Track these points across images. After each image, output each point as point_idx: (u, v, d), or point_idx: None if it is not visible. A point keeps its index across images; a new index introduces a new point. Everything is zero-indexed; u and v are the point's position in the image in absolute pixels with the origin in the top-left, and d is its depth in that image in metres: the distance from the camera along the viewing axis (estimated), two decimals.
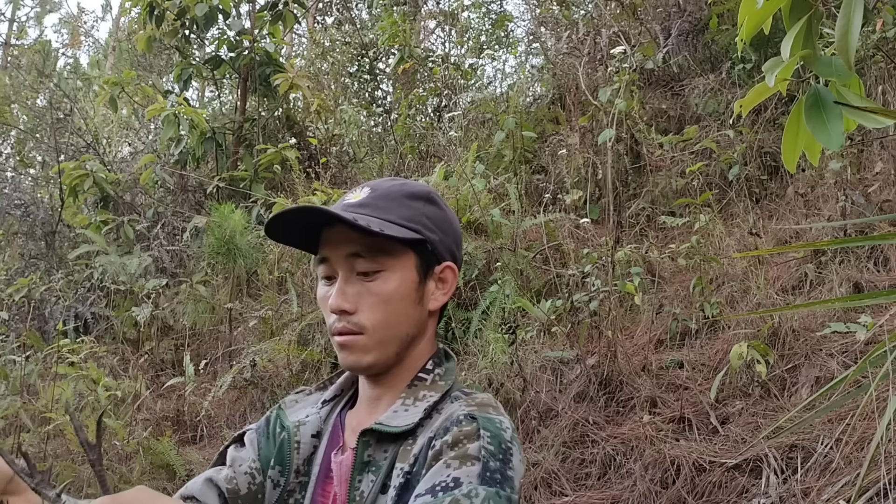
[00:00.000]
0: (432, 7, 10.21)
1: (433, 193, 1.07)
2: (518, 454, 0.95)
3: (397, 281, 1.01)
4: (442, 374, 1.07)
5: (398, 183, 1.06)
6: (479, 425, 0.94)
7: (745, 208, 4.76)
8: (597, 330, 3.86)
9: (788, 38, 1.37)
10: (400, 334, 1.03)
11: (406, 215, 1.01)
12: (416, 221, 1.02)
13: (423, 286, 1.04)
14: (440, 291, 1.06)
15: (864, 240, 3.62)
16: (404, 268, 1.02)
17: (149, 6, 6.47)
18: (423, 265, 1.03)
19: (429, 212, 1.04)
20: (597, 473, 3.23)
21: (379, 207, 1.01)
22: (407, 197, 1.03)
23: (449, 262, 1.06)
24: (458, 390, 1.07)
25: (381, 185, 1.05)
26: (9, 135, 9.80)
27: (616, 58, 5.25)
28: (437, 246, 1.04)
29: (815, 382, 3.24)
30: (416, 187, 1.06)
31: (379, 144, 7.59)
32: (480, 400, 1.02)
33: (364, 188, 1.04)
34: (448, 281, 1.07)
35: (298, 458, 1.07)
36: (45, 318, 5.70)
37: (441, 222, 1.05)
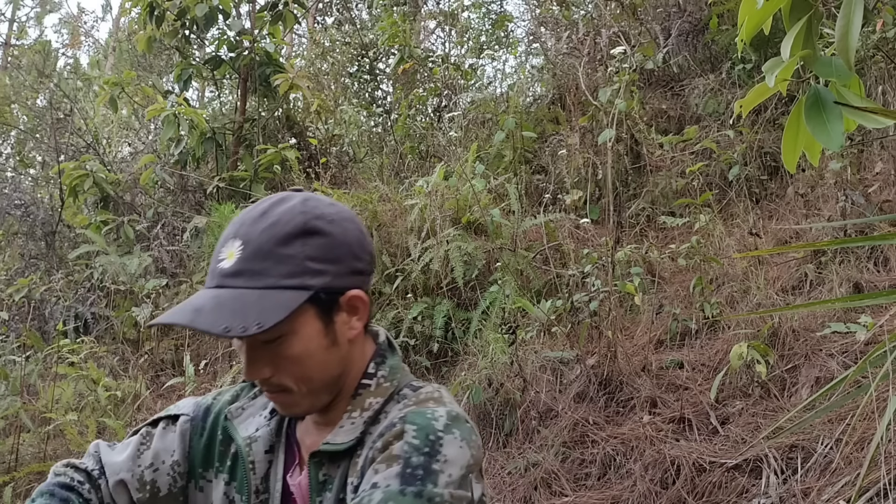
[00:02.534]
0: (432, 7, 10.21)
1: (310, 221, 0.96)
2: (456, 441, 0.91)
3: (301, 339, 0.96)
4: (386, 375, 1.04)
5: (268, 226, 0.94)
6: (405, 422, 0.93)
7: (745, 208, 4.76)
8: (597, 330, 3.86)
9: (788, 38, 1.37)
10: (326, 379, 1.00)
11: (286, 271, 0.93)
12: (300, 273, 0.94)
13: (331, 328, 0.98)
14: (354, 319, 1.01)
15: (864, 240, 3.62)
16: (304, 324, 0.96)
17: (149, 6, 6.47)
18: (323, 311, 0.97)
19: (311, 250, 0.95)
20: (597, 473, 3.23)
21: (255, 273, 0.93)
22: (281, 244, 0.93)
23: (353, 288, 0.99)
24: (407, 386, 1.03)
25: (251, 234, 0.94)
26: (9, 135, 9.80)
27: (616, 58, 5.25)
28: (332, 283, 0.96)
29: (815, 382, 3.24)
30: (290, 224, 0.94)
31: (379, 144, 7.59)
32: (424, 395, 1.00)
33: (236, 241, 0.95)
34: (358, 307, 1.00)
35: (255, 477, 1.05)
36: (45, 318, 5.70)
37: (330, 251, 0.96)
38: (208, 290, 0.95)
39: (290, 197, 0.99)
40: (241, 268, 0.93)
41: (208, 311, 0.91)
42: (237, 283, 0.93)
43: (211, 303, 0.92)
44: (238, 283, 0.93)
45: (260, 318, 0.90)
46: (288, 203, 0.97)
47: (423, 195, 4.82)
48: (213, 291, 0.94)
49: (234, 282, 0.93)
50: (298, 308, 0.93)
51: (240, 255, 0.94)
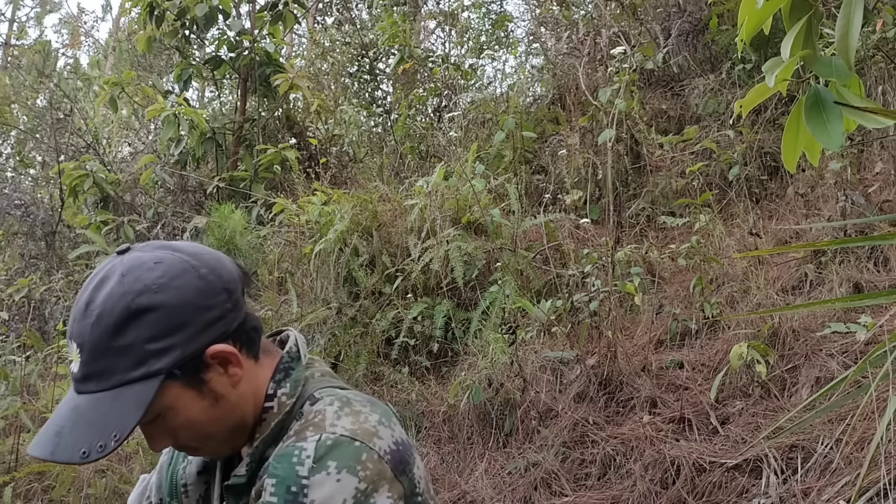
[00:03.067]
0: (432, 7, 10.22)
1: (134, 299, 0.88)
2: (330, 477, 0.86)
3: (180, 411, 0.92)
4: (287, 392, 0.99)
5: (95, 319, 0.88)
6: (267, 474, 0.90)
7: (745, 208, 4.76)
8: (597, 330, 3.86)
9: (788, 38, 1.37)
10: (227, 428, 0.97)
11: (129, 363, 0.88)
12: (143, 360, 0.88)
13: (206, 388, 0.93)
14: (230, 369, 0.95)
15: (864, 240, 3.62)
16: (175, 398, 0.91)
17: (149, 6, 6.47)
18: (188, 379, 0.92)
19: (145, 331, 0.88)
20: (597, 473, 3.23)
21: (100, 374, 0.88)
22: (114, 336, 0.87)
23: (213, 342, 0.93)
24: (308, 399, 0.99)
25: (83, 334, 0.89)
26: (9, 135, 9.80)
27: (616, 58, 5.25)
28: (184, 354, 0.90)
29: (816, 382, 3.24)
30: (114, 313, 0.88)
31: (379, 144, 7.59)
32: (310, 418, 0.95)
33: (73, 344, 0.90)
34: (228, 357, 0.94)
35: (188, 501, 1.05)
36: (45, 318, 5.70)
37: (168, 323, 0.89)
38: (71, 397, 0.91)
39: (111, 273, 0.91)
40: (86, 372, 0.89)
41: (67, 433, 0.87)
42: (89, 388, 0.89)
43: (70, 420, 0.88)
44: (90, 388, 0.89)
45: (118, 426, 0.86)
46: (108, 285, 0.90)
47: (423, 195, 4.82)
48: (73, 400, 0.90)
49: (87, 386, 0.89)
50: (159, 391, 0.89)
51: (81, 359, 0.89)
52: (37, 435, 0.91)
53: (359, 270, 4.62)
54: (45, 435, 0.89)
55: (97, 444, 0.85)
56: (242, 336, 0.97)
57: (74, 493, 3.50)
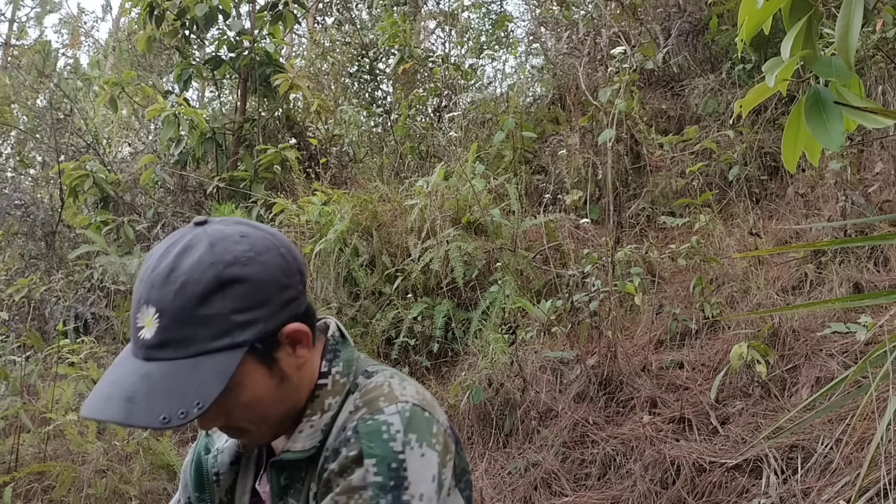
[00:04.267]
0: (432, 7, 10.22)
1: (224, 270, 0.88)
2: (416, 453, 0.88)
3: (247, 388, 0.92)
4: (341, 371, 1.00)
5: (180, 286, 0.87)
6: (362, 447, 0.89)
7: (745, 208, 4.76)
8: (597, 330, 3.86)
9: (788, 38, 1.37)
10: (282, 412, 0.97)
11: (213, 332, 0.87)
12: (228, 331, 0.87)
13: (276, 367, 0.94)
14: (298, 349, 0.96)
15: (864, 240, 3.62)
16: (247, 374, 0.91)
17: (149, 6, 6.47)
18: (263, 356, 0.92)
19: (232, 302, 0.88)
20: (597, 473, 3.23)
21: (180, 342, 0.86)
22: (200, 304, 0.86)
23: (289, 321, 0.93)
24: (361, 373, 1.00)
25: (164, 299, 0.87)
26: (9, 135, 9.80)
27: (616, 58, 5.25)
28: (265, 329, 0.90)
29: (816, 383, 3.24)
30: (202, 282, 0.87)
31: (379, 145, 7.59)
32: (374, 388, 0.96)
33: (150, 308, 0.87)
34: (300, 338, 0.95)
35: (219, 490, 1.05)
36: (45, 319, 5.70)
37: (254, 294, 0.89)
38: (136, 364, 0.88)
39: (195, 242, 0.90)
40: (165, 338, 0.87)
41: (142, 400, 0.85)
42: (164, 355, 0.87)
43: (142, 388, 0.85)
44: (165, 355, 0.87)
45: (199, 394, 0.85)
46: (194, 253, 0.88)
47: (423, 195, 4.82)
48: (142, 367, 0.87)
49: (161, 353, 0.87)
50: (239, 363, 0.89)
51: (159, 325, 0.87)
52: (94, 399, 0.88)
53: (359, 270, 4.62)
54: (112, 400, 0.86)
55: (178, 412, 0.84)
56: (307, 320, 0.98)
57: (74, 493, 3.50)
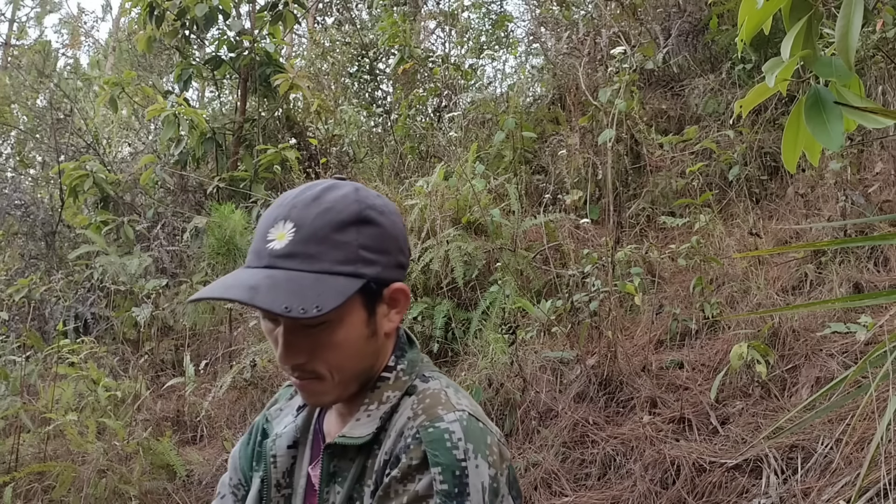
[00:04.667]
0: (432, 7, 10.21)
1: (365, 209, 0.95)
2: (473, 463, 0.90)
3: (346, 327, 0.95)
4: (405, 368, 1.03)
5: (323, 210, 0.93)
6: (426, 455, 0.90)
7: (745, 208, 4.76)
8: (597, 330, 3.86)
9: (788, 38, 1.37)
10: (358, 371, 0.99)
11: (341, 257, 0.92)
12: (353, 260, 0.93)
13: (373, 319, 0.98)
14: (393, 311, 1.01)
15: (864, 240, 3.62)
16: (351, 312, 0.95)
17: (149, 6, 6.47)
18: (369, 300, 0.97)
19: (365, 239, 0.94)
20: (597, 474, 3.23)
21: (310, 256, 0.91)
22: (337, 230, 0.92)
23: (397, 281, 0.99)
24: (419, 377, 1.03)
25: (304, 217, 0.93)
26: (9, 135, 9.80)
27: (616, 58, 5.24)
28: (381, 274, 0.96)
29: (816, 383, 3.24)
30: (345, 211, 0.94)
31: (379, 145, 7.59)
32: (431, 395, 0.97)
33: (287, 223, 0.93)
34: (400, 300, 1.00)
35: (276, 472, 1.06)
36: (45, 319, 5.70)
37: (381, 242, 0.96)
38: (257, 270, 0.92)
39: (341, 185, 0.98)
40: (295, 250, 0.91)
41: (265, 290, 0.88)
42: (290, 265, 0.91)
43: (265, 282, 0.89)
44: (291, 265, 0.91)
45: (318, 301, 0.88)
46: (340, 190, 0.96)
47: (423, 195, 4.82)
48: (265, 271, 0.91)
49: (287, 263, 0.91)
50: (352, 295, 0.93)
51: (292, 238, 0.92)
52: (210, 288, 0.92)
53: None
54: (233, 288, 0.90)
55: (299, 307, 0.87)
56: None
57: (74, 493, 3.50)
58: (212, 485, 3.74)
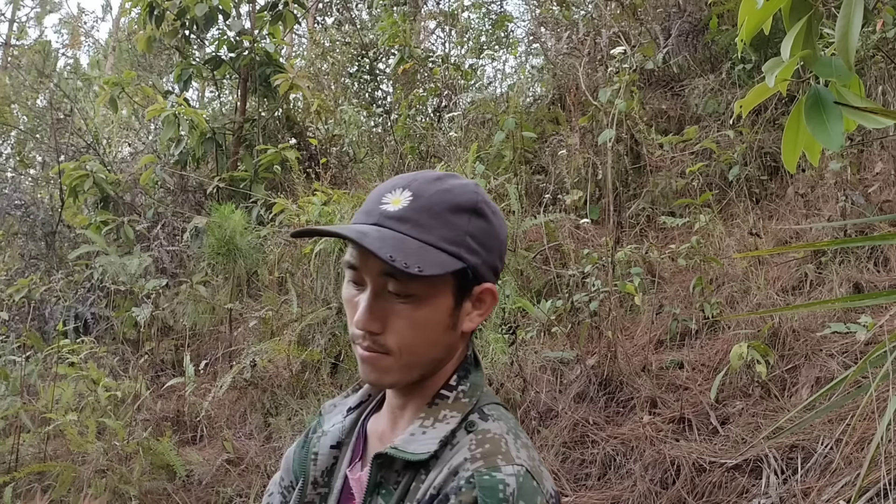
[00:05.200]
0: (432, 7, 10.22)
1: (481, 202, 0.97)
2: None
3: (431, 307, 0.94)
4: (466, 391, 1.00)
5: (443, 189, 0.95)
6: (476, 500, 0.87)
7: (745, 208, 4.76)
8: (597, 330, 3.86)
9: (788, 38, 1.37)
10: (427, 359, 0.97)
11: (449, 236, 0.93)
12: (459, 243, 0.93)
13: (458, 310, 0.97)
14: (476, 312, 0.99)
15: (864, 240, 3.62)
16: (440, 294, 0.94)
17: (149, 6, 6.47)
18: (460, 290, 0.96)
19: (474, 228, 0.95)
20: (597, 474, 3.23)
21: (420, 225, 0.92)
22: (451, 211, 0.94)
23: (489, 282, 0.98)
24: (479, 410, 0.99)
25: (423, 190, 0.95)
26: (9, 135, 9.80)
27: (616, 58, 5.24)
28: (479, 268, 0.96)
29: (816, 383, 3.24)
30: (463, 196, 0.96)
31: (379, 145, 7.58)
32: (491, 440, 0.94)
33: (405, 192, 0.95)
34: (486, 302, 0.99)
35: (315, 469, 1.04)
36: (45, 319, 5.70)
37: (486, 238, 0.96)
38: (366, 225, 0.93)
39: (461, 177, 1.00)
40: (408, 216, 0.92)
41: (373, 237, 0.89)
42: (400, 228, 0.91)
43: (374, 233, 0.91)
44: (401, 228, 0.91)
45: (420, 263, 0.89)
46: (461, 180, 0.98)
47: None
48: (373, 227, 0.92)
49: (397, 226, 0.92)
50: (443, 275, 0.92)
51: (408, 204, 0.93)
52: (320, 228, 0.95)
53: None
54: (343, 229, 0.91)
55: (402, 260, 0.88)
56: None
57: (74, 493, 3.50)
58: (212, 485, 3.75)
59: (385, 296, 0.93)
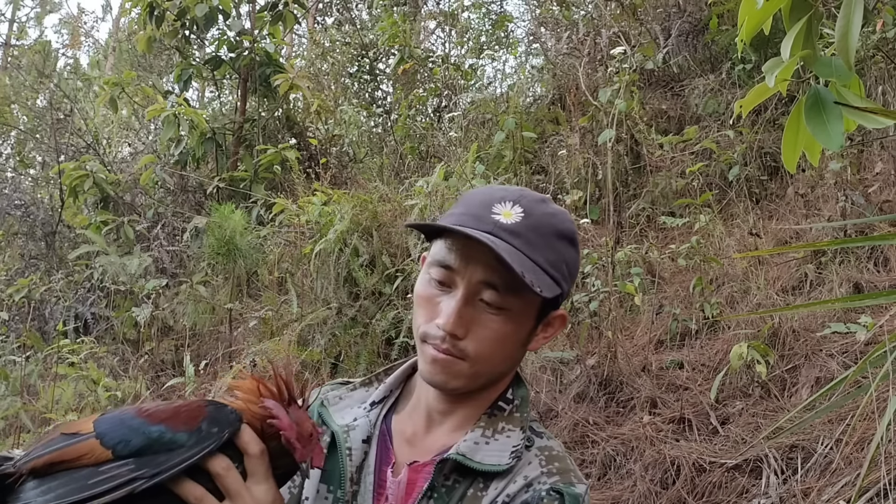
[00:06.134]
0: (432, 7, 10.22)
1: (575, 233, 0.99)
2: None
3: (516, 325, 0.95)
4: (518, 405, 1.02)
5: (549, 213, 0.97)
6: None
7: (745, 208, 4.76)
8: (597, 330, 3.86)
9: (788, 38, 1.37)
10: (496, 371, 0.98)
11: (552, 260, 0.94)
12: (558, 269, 0.95)
13: (534, 331, 0.99)
14: (543, 335, 1.01)
15: (864, 240, 3.62)
16: (527, 313, 0.96)
17: (149, 7, 6.47)
18: (542, 312, 0.98)
19: (569, 257, 0.97)
20: (597, 474, 3.23)
21: (531, 243, 0.92)
22: (556, 236, 0.96)
23: (563, 310, 1.01)
24: (531, 428, 1.01)
25: (533, 209, 0.95)
26: (9, 135, 9.80)
27: (616, 58, 5.24)
28: (564, 295, 0.98)
29: (816, 383, 3.24)
30: (565, 224, 0.98)
31: (379, 145, 7.59)
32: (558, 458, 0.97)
33: (516, 206, 0.95)
34: (555, 326, 1.01)
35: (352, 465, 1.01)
36: (45, 319, 5.70)
37: (574, 267, 0.99)
38: (482, 232, 0.91)
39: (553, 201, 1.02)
40: (521, 232, 0.92)
41: (503, 249, 0.89)
42: (513, 242, 0.91)
43: (500, 244, 0.90)
44: (514, 243, 0.91)
45: (540, 284, 0.90)
46: (558, 205, 1.01)
47: (423, 195, 4.82)
48: (489, 236, 0.90)
49: (511, 239, 0.91)
50: (534, 299, 0.93)
51: (521, 220, 0.93)
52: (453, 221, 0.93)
53: (359, 270, 4.62)
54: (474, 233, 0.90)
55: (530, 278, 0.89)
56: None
57: None
58: None
59: (475, 303, 0.94)
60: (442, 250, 0.95)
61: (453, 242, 0.94)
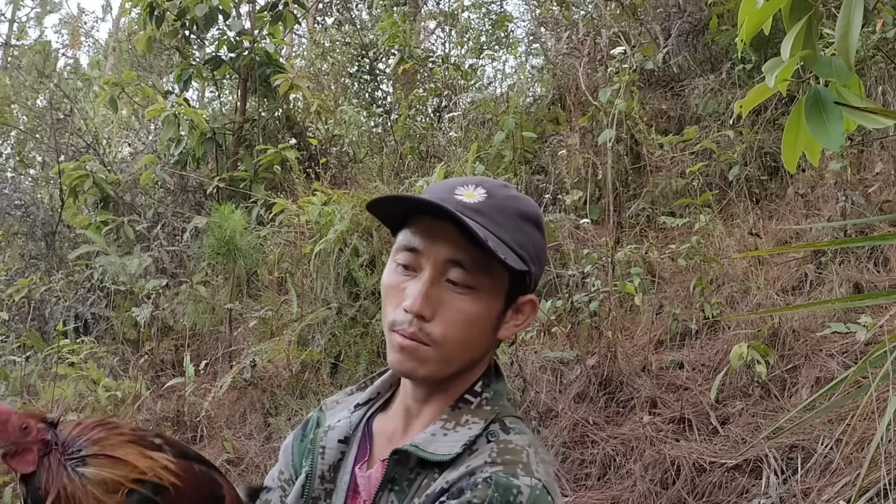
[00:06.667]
0: (432, 7, 10.22)
1: (542, 218, 1.00)
2: None
3: (485, 305, 0.94)
4: (489, 398, 0.99)
5: (512, 196, 0.97)
6: (489, 496, 0.86)
7: (745, 209, 4.76)
8: (597, 330, 3.86)
9: (788, 38, 1.37)
10: (465, 357, 0.97)
11: (518, 239, 0.94)
12: (525, 248, 0.95)
13: (503, 315, 0.98)
14: (514, 322, 0.99)
15: (864, 240, 3.63)
16: (496, 293, 0.95)
17: (149, 7, 6.47)
18: (511, 294, 0.97)
19: (535, 239, 0.97)
20: (597, 474, 3.23)
21: (495, 222, 0.93)
22: (521, 217, 0.96)
23: (533, 294, 1.00)
24: (500, 421, 0.98)
25: (496, 191, 0.96)
26: (9, 135, 9.80)
27: (616, 58, 5.24)
28: (532, 278, 0.97)
29: (816, 383, 3.24)
30: (530, 207, 0.98)
31: (379, 145, 7.59)
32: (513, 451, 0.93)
33: (478, 188, 0.95)
34: (525, 313, 1.00)
35: (323, 463, 1.02)
36: (45, 319, 5.70)
37: (541, 252, 0.99)
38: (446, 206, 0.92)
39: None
40: (485, 210, 0.93)
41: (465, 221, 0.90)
42: (477, 219, 0.91)
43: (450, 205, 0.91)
44: (480, 220, 0.91)
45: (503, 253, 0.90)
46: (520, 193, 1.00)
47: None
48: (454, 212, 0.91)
49: (475, 217, 0.91)
50: (502, 277, 0.93)
51: (483, 200, 0.94)
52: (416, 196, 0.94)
53: (359, 270, 4.61)
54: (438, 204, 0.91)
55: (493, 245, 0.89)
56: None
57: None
58: None
59: (441, 285, 0.93)
60: (406, 235, 0.96)
61: (417, 226, 0.94)
